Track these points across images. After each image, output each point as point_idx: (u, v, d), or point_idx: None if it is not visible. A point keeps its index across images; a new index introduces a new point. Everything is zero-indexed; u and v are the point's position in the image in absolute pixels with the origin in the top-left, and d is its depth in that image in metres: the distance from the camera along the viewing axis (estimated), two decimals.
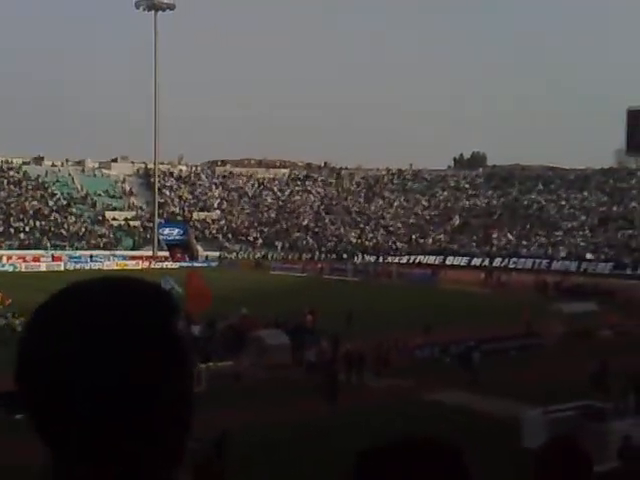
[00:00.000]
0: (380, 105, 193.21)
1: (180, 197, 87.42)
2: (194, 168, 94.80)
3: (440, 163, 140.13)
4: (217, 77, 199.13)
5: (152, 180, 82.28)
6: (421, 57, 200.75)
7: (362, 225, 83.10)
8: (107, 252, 72.47)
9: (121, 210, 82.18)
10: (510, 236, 73.31)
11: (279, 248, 78.05)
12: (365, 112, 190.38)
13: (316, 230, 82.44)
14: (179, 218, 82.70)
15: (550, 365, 24.08)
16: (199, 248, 78.10)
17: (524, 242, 71.21)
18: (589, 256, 64.72)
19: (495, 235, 73.88)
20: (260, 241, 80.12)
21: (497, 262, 66.66)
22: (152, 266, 68.82)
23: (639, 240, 66.08)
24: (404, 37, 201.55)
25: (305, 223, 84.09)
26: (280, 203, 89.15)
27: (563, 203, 77.97)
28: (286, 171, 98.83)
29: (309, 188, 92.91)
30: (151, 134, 79.62)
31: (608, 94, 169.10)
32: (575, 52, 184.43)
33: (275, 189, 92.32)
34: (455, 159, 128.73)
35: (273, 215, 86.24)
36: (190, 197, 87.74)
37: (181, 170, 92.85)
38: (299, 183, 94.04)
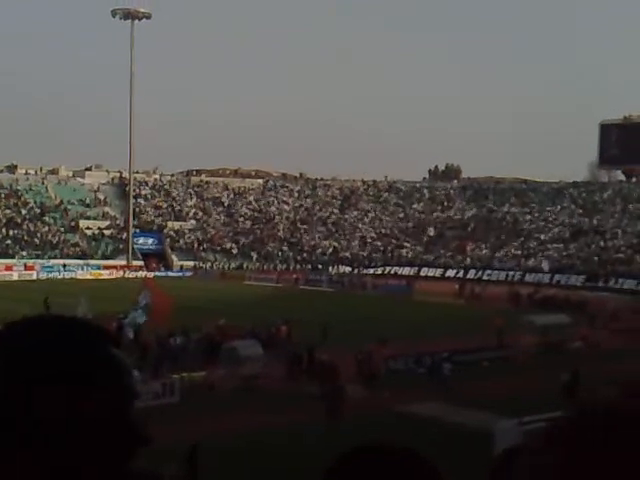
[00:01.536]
0: (356, 117, 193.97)
1: (155, 206, 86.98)
2: (169, 177, 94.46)
3: (415, 175, 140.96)
4: (193, 87, 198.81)
5: (127, 189, 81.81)
6: (398, 71, 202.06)
7: (337, 236, 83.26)
8: (81, 261, 71.87)
9: (95, 219, 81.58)
10: (484, 248, 73.85)
11: (254, 258, 77.91)
12: (340, 123, 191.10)
13: (291, 240, 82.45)
14: (154, 227, 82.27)
15: (522, 376, 24.24)
16: (174, 258, 77.73)
17: (498, 254, 71.77)
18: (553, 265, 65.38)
19: (469, 247, 74.37)
20: (235, 251, 79.92)
21: (471, 274, 67.09)
22: (126, 275, 68.37)
23: (611, 253, 66.88)
24: (381, 51, 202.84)
25: (280, 233, 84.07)
26: (255, 213, 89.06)
27: (536, 215, 78.76)
28: (261, 181, 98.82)
29: (284, 198, 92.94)
30: (126, 143, 79.29)
31: (581, 108, 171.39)
32: (547, 66, 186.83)
33: (250, 199, 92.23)
34: (430, 171, 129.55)
35: (248, 225, 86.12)
36: (165, 206, 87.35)
37: (156, 179, 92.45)
38: (274, 193, 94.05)
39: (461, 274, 66.85)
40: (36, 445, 0.95)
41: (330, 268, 72.33)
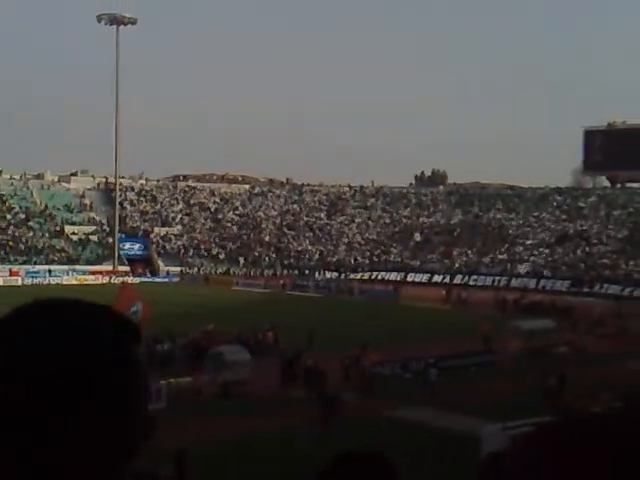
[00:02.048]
0: (342, 122, 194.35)
1: (141, 212, 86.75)
2: (155, 183, 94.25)
3: (401, 180, 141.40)
4: (179, 92, 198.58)
5: (113, 194, 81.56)
6: (383, 75, 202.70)
7: (324, 241, 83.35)
8: (66, 267, 71.52)
9: (81, 224, 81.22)
10: (470, 253, 74.15)
11: (241, 263, 77.83)
12: (327, 129, 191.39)
13: (278, 246, 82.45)
14: (140, 233, 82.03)
15: (508, 381, 24.37)
16: (160, 263, 77.51)
17: (484, 259, 72.08)
18: (546, 273, 65.78)
19: (456, 252, 74.65)
20: (222, 256, 79.84)
21: (458, 279, 67.32)
22: (112, 281, 68.06)
23: (595, 258, 67.35)
24: (368, 55, 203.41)
25: (267, 239, 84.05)
26: (242, 218, 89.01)
27: (522, 221, 79.19)
28: (248, 187, 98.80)
29: (271, 204, 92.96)
30: (112, 148, 79.07)
31: (565, 114, 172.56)
32: (532, 72, 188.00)
33: (237, 204, 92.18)
34: (416, 177, 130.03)
35: (235, 230, 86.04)
36: (151, 212, 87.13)
37: (142, 185, 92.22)
38: (261, 199, 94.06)
39: (448, 279, 67.06)
40: (33, 442, 0.93)
41: (317, 273, 72.37)
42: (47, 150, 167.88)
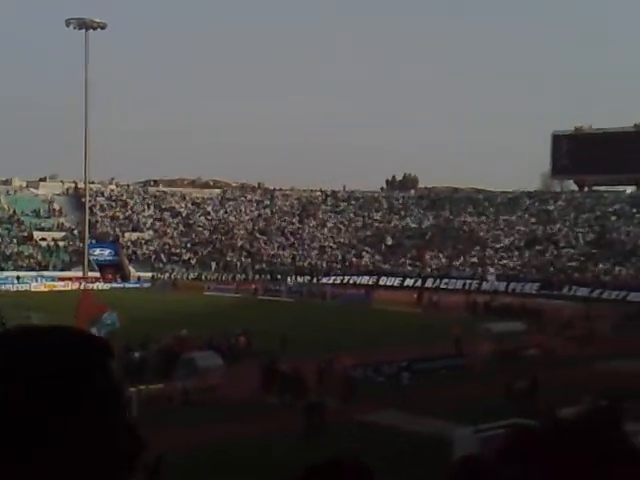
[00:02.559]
0: (313, 127, 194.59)
1: (111, 217, 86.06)
2: (126, 188, 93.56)
3: (373, 185, 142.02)
4: (149, 96, 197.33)
5: (82, 200, 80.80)
6: (354, 78, 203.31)
7: (296, 246, 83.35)
8: (34, 273, 70.71)
9: (50, 230, 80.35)
10: (442, 257, 74.64)
11: (213, 268, 77.53)
12: (297, 134, 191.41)
13: (250, 250, 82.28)
14: (110, 238, 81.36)
15: (479, 384, 24.58)
16: (131, 269, 76.94)
17: (455, 263, 72.60)
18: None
19: (427, 256, 75.09)
20: (194, 261, 79.47)
21: (429, 282, 67.69)
22: (82, 287, 67.37)
23: (564, 261, 68.19)
24: (339, 59, 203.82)
25: (239, 243, 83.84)
26: (214, 223, 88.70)
27: (492, 225, 79.91)
28: (220, 191, 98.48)
29: (243, 208, 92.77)
30: (81, 153, 78.29)
31: (534, 119, 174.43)
32: (502, 77, 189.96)
33: (209, 209, 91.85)
34: (388, 181, 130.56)
35: (207, 235, 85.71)
36: (122, 217, 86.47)
37: (112, 190, 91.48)
38: (233, 203, 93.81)
39: (419, 283, 67.41)
40: (32, 458, 0.96)
41: (289, 278, 72.34)
42: (15, 155, 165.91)
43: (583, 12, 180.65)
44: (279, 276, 73.59)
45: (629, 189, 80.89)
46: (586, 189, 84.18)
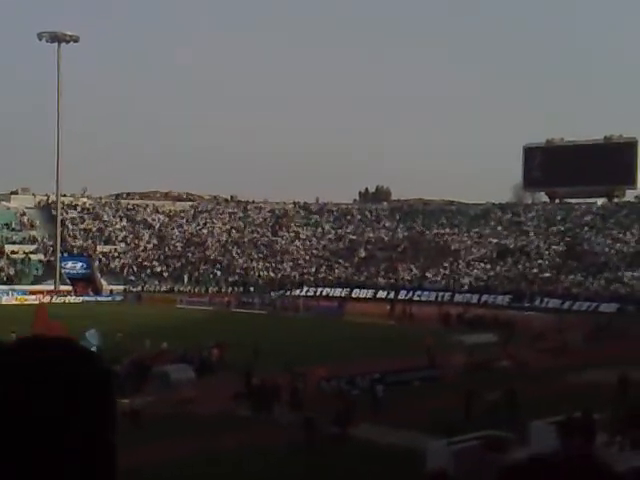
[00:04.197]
0: (285, 139, 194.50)
1: (84, 230, 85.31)
2: (98, 200, 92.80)
3: (346, 197, 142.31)
4: (122, 110, 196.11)
5: (54, 212, 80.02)
6: (324, 92, 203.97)
7: (269, 258, 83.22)
8: (6, 287, 69.79)
9: (21, 243, 79.40)
10: (414, 268, 74.95)
11: (185, 281, 77.12)
12: (270, 146, 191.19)
13: (223, 263, 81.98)
14: (83, 251, 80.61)
15: (451, 396, 24.57)
16: (103, 282, 76.25)
17: (427, 274, 72.93)
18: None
19: (400, 267, 75.37)
20: (166, 274, 78.96)
21: (402, 294, 67.93)
22: (54, 301, 66.64)
23: (536, 272, 68.81)
24: (308, 73, 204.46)
25: (212, 256, 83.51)
26: (186, 236, 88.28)
27: (464, 237, 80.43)
28: (192, 204, 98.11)
29: (216, 221, 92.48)
30: (53, 166, 77.62)
31: (505, 131, 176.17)
32: (472, 90, 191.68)
33: (182, 222, 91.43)
34: (360, 193, 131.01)
35: (179, 248, 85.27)
36: (94, 230, 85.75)
37: (85, 202, 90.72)
38: (206, 216, 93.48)
39: (392, 295, 67.61)
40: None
41: (262, 290, 72.17)
42: None
43: (551, 25, 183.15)
44: (252, 289, 73.42)
45: (600, 201, 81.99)
46: (557, 201, 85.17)
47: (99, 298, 70.70)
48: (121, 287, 74.48)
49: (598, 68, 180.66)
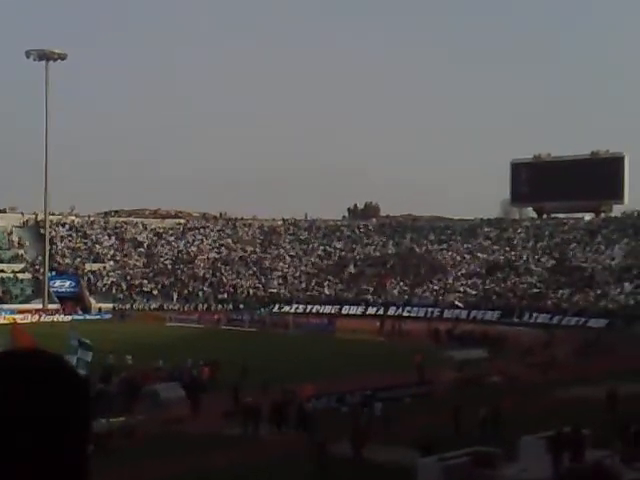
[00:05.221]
0: (273, 156, 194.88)
1: (72, 248, 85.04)
2: (86, 219, 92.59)
3: (334, 213, 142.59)
4: (109, 126, 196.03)
5: (42, 231, 79.78)
6: (308, 108, 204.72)
7: (258, 275, 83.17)
8: None
9: (10, 262, 79.06)
10: (403, 285, 75.07)
11: (175, 299, 76.92)
12: (258, 163, 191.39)
13: (212, 280, 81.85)
14: (71, 270, 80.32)
15: (442, 412, 24.61)
16: (92, 300, 75.94)
17: (417, 290, 73.06)
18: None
19: (389, 284, 75.49)
20: (156, 292, 78.73)
21: (392, 310, 67.99)
22: (42, 319, 66.33)
23: (524, 288, 69.07)
24: (297, 87, 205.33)
25: (201, 273, 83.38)
26: (175, 253, 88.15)
27: (453, 252, 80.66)
28: (181, 221, 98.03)
29: (205, 238, 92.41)
30: (41, 184, 77.47)
31: (493, 147, 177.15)
32: (458, 105, 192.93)
33: (171, 239, 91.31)
34: (349, 209, 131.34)
35: (169, 266, 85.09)
36: (83, 248, 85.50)
37: (73, 221, 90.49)
38: (195, 233, 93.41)
39: (382, 311, 67.67)
40: None
41: (251, 307, 72.07)
42: None
43: (537, 40, 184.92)
44: (242, 306, 73.31)
45: (587, 216, 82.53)
46: (545, 216, 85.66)
47: (88, 316, 70.33)
48: (110, 305, 74.19)
49: (584, 83, 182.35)
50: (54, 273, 77.49)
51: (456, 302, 68.18)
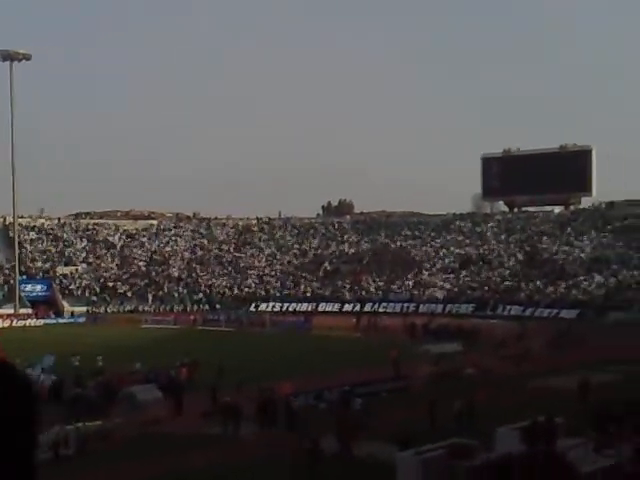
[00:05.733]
0: (245, 155, 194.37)
1: (43, 251, 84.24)
2: (57, 221, 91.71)
3: (309, 211, 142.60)
4: (77, 127, 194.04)
5: (12, 235, 78.92)
6: (284, 107, 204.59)
7: (234, 274, 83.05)
8: None
9: None
10: (379, 281, 75.42)
11: (150, 301, 76.53)
12: (230, 161, 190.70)
13: (187, 281, 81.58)
14: (42, 273, 79.55)
15: (419, 406, 24.87)
16: (65, 304, 75.28)
17: (392, 286, 73.45)
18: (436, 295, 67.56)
19: (365, 280, 75.80)
20: (130, 294, 78.28)
21: (368, 307, 68.37)
22: (14, 324, 65.71)
23: (497, 281, 69.76)
24: (270, 87, 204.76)
25: (176, 274, 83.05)
26: (150, 255, 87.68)
27: (427, 247, 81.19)
28: (155, 222, 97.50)
29: (179, 239, 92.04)
30: (9, 187, 76.60)
31: (463, 142, 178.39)
32: (432, 102, 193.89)
33: (144, 240, 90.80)
34: (323, 207, 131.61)
35: (143, 267, 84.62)
36: (54, 251, 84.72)
37: (43, 224, 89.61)
38: (168, 234, 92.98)
39: (358, 307, 68.02)
40: None
41: (228, 307, 71.97)
42: None
43: (506, 37, 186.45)
44: (218, 306, 73.19)
45: (557, 209, 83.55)
46: (516, 210, 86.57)
47: (61, 320, 69.81)
48: (83, 309, 73.61)
49: (554, 78, 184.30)
50: (25, 277, 76.73)
51: (436, 295, 68.87)
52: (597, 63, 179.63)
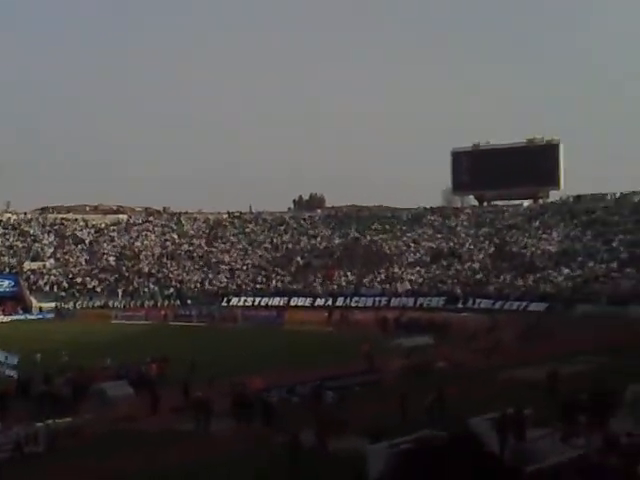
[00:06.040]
0: (215, 148, 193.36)
1: (9, 246, 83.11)
2: (23, 216, 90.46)
3: (280, 205, 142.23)
4: (45, 121, 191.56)
5: None
6: (254, 101, 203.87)
7: (205, 269, 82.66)
8: None
9: None
10: (350, 275, 75.58)
11: (120, 296, 75.87)
12: (201, 156, 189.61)
13: (158, 276, 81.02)
14: (9, 269, 78.48)
15: (390, 399, 25.00)
16: (33, 300, 74.40)
17: (364, 280, 73.64)
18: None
19: (337, 275, 75.91)
20: (99, 289, 77.56)
21: (340, 301, 68.52)
22: None
23: (468, 274, 70.29)
24: (240, 82, 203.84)
25: (146, 269, 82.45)
26: (119, 249, 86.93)
27: (398, 242, 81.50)
28: (124, 217, 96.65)
29: (149, 233, 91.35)
30: None
31: (433, 137, 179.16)
32: (401, 97, 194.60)
33: (113, 235, 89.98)
34: (295, 201, 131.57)
35: (112, 262, 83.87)
36: (21, 246, 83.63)
37: (9, 218, 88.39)
38: (138, 228, 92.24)
39: (330, 302, 68.11)
40: None
41: (199, 302, 71.65)
42: None
43: (475, 29, 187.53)
44: (189, 301, 72.83)
45: (526, 202, 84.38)
46: (485, 204, 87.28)
47: (29, 316, 69.06)
48: (52, 304, 72.79)
49: (520, 69, 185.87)
50: None
51: (408, 287, 69.31)
52: (565, 55, 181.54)
